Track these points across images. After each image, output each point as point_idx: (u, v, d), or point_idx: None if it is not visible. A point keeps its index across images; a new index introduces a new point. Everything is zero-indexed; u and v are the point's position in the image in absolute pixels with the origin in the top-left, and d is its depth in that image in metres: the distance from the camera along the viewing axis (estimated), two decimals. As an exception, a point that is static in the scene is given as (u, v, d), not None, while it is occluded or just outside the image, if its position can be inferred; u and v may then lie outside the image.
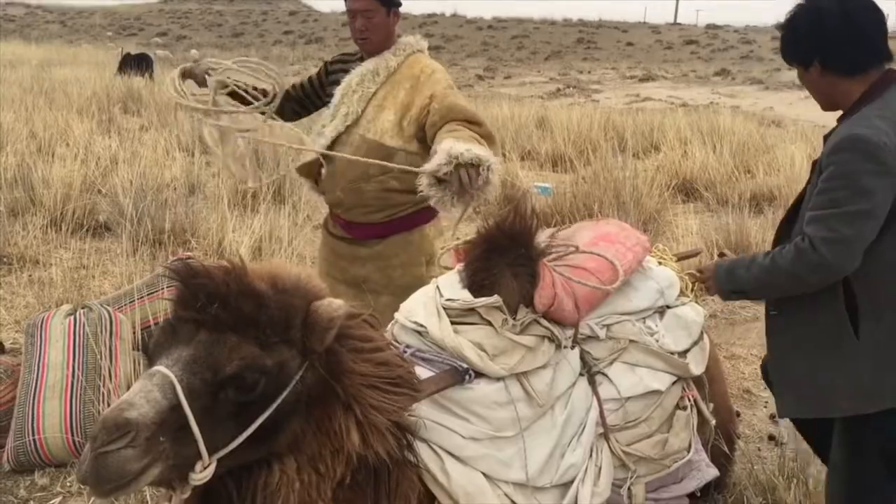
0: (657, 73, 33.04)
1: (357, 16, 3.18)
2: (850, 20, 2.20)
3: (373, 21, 3.18)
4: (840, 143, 2.15)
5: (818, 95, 2.37)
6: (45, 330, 3.56)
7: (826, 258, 2.13)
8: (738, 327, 5.26)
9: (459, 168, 2.52)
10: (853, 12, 2.21)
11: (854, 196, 2.11)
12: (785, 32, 2.34)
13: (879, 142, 2.10)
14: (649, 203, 7.44)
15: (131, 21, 60.76)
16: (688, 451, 2.45)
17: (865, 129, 2.12)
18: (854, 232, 2.11)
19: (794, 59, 2.33)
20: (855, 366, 2.22)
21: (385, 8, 3.19)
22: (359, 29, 3.20)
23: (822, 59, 2.25)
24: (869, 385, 2.21)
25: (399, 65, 3.23)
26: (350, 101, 3.22)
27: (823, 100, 2.37)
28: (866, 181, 2.09)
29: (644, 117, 14.02)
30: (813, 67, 2.28)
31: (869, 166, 2.09)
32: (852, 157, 2.11)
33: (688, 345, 2.60)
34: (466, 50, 45.16)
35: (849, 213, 2.11)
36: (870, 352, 2.21)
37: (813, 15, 2.26)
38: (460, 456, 2.04)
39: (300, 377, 1.76)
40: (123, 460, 1.54)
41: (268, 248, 5.71)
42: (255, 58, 3.31)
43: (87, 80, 15.85)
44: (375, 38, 3.22)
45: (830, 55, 2.24)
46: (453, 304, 2.20)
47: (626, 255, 2.58)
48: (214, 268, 1.77)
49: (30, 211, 6.54)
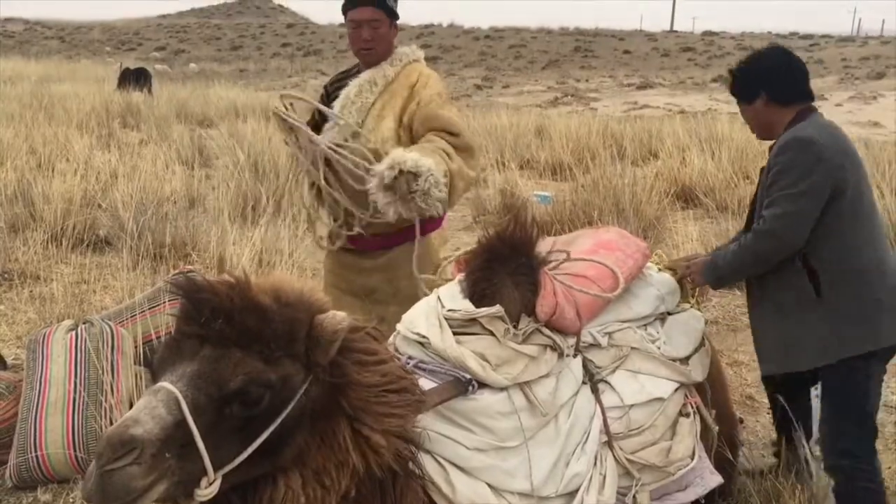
0: (654, 81, 33.13)
1: (363, 26, 3.19)
2: (789, 64, 2.89)
3: (379, 31, 3.20)
4: (782, 145, 2.73)
5: (759, 124, 2.95)
6: (46, 346, 3.56)
7: (777, 231, 2.66)
8: (741, 334, 5.25)
9: (402, 175, 2.63)
10: (790, 59, 2.91)
11: (796, 181, 2.63)
12: (739, 73, 2.95)
13: (812, 138, 2.68)
14: (649, 210, 7.44)
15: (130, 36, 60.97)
16: (692, 459, 2.44)
17: (800, 132, 2.72)
18: (797, 209, 2.63)
19: (745, 91, 2.92)
20: (818, 325, 2.70)
21: (389, 19, 3.21)
22: (364, 39, 3.21)
23: (768, 91, 2.85)
24: (829, 339, 2.68)
25: (396, 74, 3.25)
26: (350, 112, 3.23)
27: (762, 128, 2.96)
28: (805, 168, 2.63)
29: (642, 125, 14.05)
30: (759, 99, 2.87)
31: (806, 157, 2.65)
32: (793, 152, 2.68)
33: (689, 351, 2.60)
34: (464, 60, 45.30)
35: (792, 194, 2.63)
36: (828, 314, 2.68)
37: (763, 58, 2.94)
38: (465, 467, 2.04)
39: (304, 391, 1.76)
40: (129, 477, 1.54)
41: (268, 261, 5.70)
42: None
43: (86, 95, 15.91)
44: (380, 49, 3.24)
45: (774, 88, 2.85)
46: (455, 315, 2.20)
47: (627, 263, 2.59)
48: (218, 282, 1.77)
49: (30, 226, 6.54)
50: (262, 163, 8.49)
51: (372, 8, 3.17)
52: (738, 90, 2.95)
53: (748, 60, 2.97)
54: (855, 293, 2.67)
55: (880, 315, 2.68)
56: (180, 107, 16.99)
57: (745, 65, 2.95)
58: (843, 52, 42.61)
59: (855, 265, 2.68)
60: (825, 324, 2.68)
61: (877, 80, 30.81)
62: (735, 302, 5.86)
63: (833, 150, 2.67)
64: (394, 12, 3.22)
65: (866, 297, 2.67)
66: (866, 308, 2.67)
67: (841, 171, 2.65)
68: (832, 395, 2.76)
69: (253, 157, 8.61)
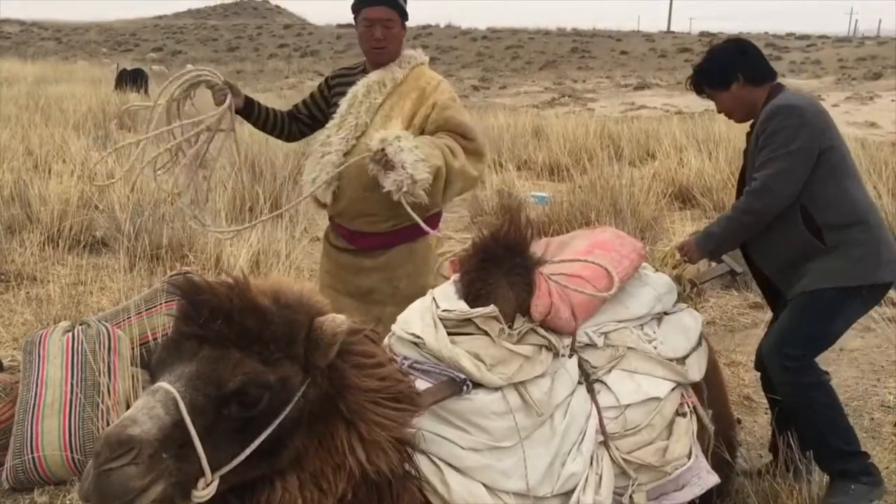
0: (651, 81, 33.16)
1: (376, 25, 3.20)
2: (752, 48, 3.17)
3: (392, 31, 3.22)
4: (769, 112, 2.96)
5: (740, 106, 3.14)
6: (43, 347, 3.55)
7: (771, 187, 2.90)
8: (738, 334, 5.26)
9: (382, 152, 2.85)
10: (750, 45, 3.19)
11: (786, 142, 2.89)
12: (707, 66, 3.15)
13: (795, 104, 2.96)
14: (646, 211, 7.45)
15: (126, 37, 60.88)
16: (688, 458, 2.44)
17: (782, 101, 2.98)
18: (788, 166, 2.89)
19: (719, 81, 3.11)
20: (828, 261, 2.93)
21: (401, 19, 3.23)
22: (377, 38, 3.22)
23: (744, 73, 3.06)
24: (833, 269, 2.92)
25: (405, 76, 3.28)
26: (358, 111, 3.24)
27: (742, 111, 3.16)
28: (792, 131, 2.89)
29: (639, 125, 14.06)
30: (736, 83, 3.08)
31: (792, 120, 2.90)
32: (779, 118, 2.92)
33: (686, 351, 2.60)
34: (461, 61, 45.32)
35: (782, 154, 2.89)
36: (836, 255, 2.92)
37: (726, 49, 3.17)
38: (460, 467, 2.04)
39: (303, 393, 1.76)
40: (126, 477, 1.54)
41: (265, 262, 5.70)
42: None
43: (82, 96, 15.87)
44: (391, 48, 3.26)
45: (748, 69, 3.08)
46: (450, 315, 2.19)
47: (622, 263, 2.59)
48: (217, 283, 1.77)
49: (27, 228, 6.53)
50: (259, 164, 8.49)
51: (386, 7, 3.19)
52: (713, 81, 3.14)
53: (712, 54, 3.18)
54: (855, 234, 2.93)
55: (880, 253, 2.95)
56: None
57: (712, 58, 3.16)
58: (839, 52, 42.68)
59: (852, 213, 2.95)
60: (829, 257, 2.93)
61: (873, 81, 30.88)
62: (732, 302, 5.87)
63: (813, 113, 2.96)
64: (405, 12, 3.24)
65: (866, 237, 2.94)
66: (866, 246, 2.93)
67: (825, 132, 2.95)
68: (794, 308, 3.01)
69: (250, 159, 8.60)
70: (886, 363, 4.73)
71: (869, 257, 2.94)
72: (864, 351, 4.90)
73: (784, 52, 43.97)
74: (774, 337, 3.05)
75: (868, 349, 4.90)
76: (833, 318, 2.99)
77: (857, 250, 2.93)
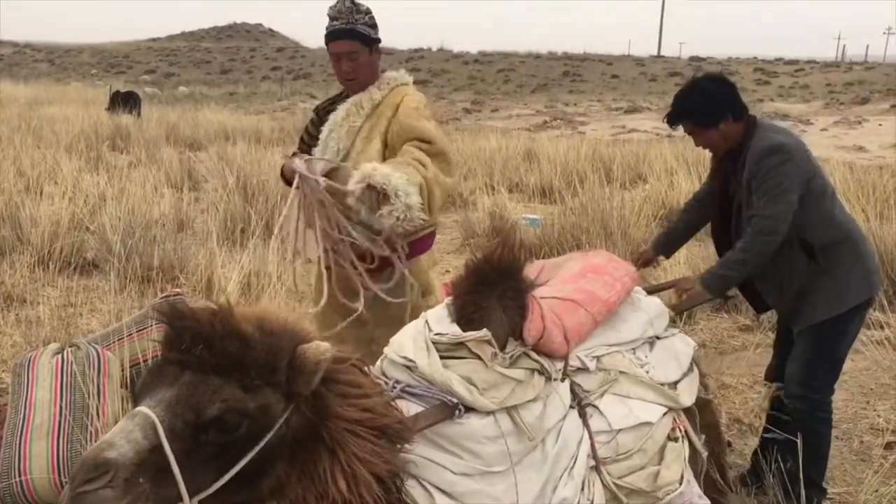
0: (642, 105, 33.37)
1: (342, 59, 3.24)
2: (733, 85, 3.32)
3: (358, 62, 3.25)
4: (761, 153, 3.13)
5: (725, 143, 3.27)
6: (32, 369, 3.52)
7: (777, 228, 3.09)
8: (728, 357, 5.26)
9: (369, 189, 2.70)
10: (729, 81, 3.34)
11: (780, 182, 3.08)
12: (694, 104, 3.23)
13: (781, 143, 3.14)
14: (637, 233, 7.48)
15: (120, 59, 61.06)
16: (680, 484, 2.43)
17: (769, 141, 3.14)
18: (786, 204, 3.09)
19: (711, 119, 3.21)
20: (823, 284, 3.19)
21: (367, 47, 3.25)
22: (345, 71, 3.26)
23: (733, 112, 3.21)
24: (834, 293, 3.18)
25: (383, 97, 3.29)
26: (339, 135, 3.27)
27: (726, 145, 3.29)
28: (783, 170, 3.08)
29: (630, 148, 14.16)
30: (725, 121, 3.20)
31: (781, 159, 3.10)
32: (770, 159, 3.10)
33: (678, 376, 2.60)
34: (453, 84, 45.57)
35: (779, 194, 3.08)
36: (828, 274, 3.18)
37: (716, 85, 3.27)
38: (451, 492, 2.02)
39: (285, 420, 1.75)
40: (101, 500, 1.53)
41: (257, 284, 5.69)
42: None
43: (75, 117, 15.91)
44: (362, 77, 3.28)
45: (736, 107, 3.23)
46: (442, 339, 2.19)
47: (615, 286, 2.59)
48: (201, 310, 1.76)
49: (17, 249, 6.51)
50: (252, 186, 8.50)
51: (348, 41, 3.21)
52: (702, 118, 3.24)
53: (698, 91, 3.27)
54: (845, 252, 3.19)
55: (868, 266, 3.24)
56: (170, 130, 17.01)
57: (699, 95, 3.25)
58: (828, 77, 43.09)
59: (838, 230, 3.21)
60: (828, 281, 3.18)
61: (861, 105, 31.19)
62: (723, 325, 5.88)
63: (795, 145, 3.18)
64: (370, 39, 3.25)
65: (854, 253, 3.21)
66: (857, 262, 3.20)
67: (807, 161, 3.17)
68: (811, 340, 3.25)
69: (242, 181, 8.61)
70: (876, 386, 4.75)
71: (861, 274, 3.21)
72: (853, 374, 4.91)
73: (773, 76, 44.43)
74: (800, 370, 3.28)
75: (857, 372, 4.92)
76: (842, 341, 3.28)
77: (850, 271, 3.20)
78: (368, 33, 3.25)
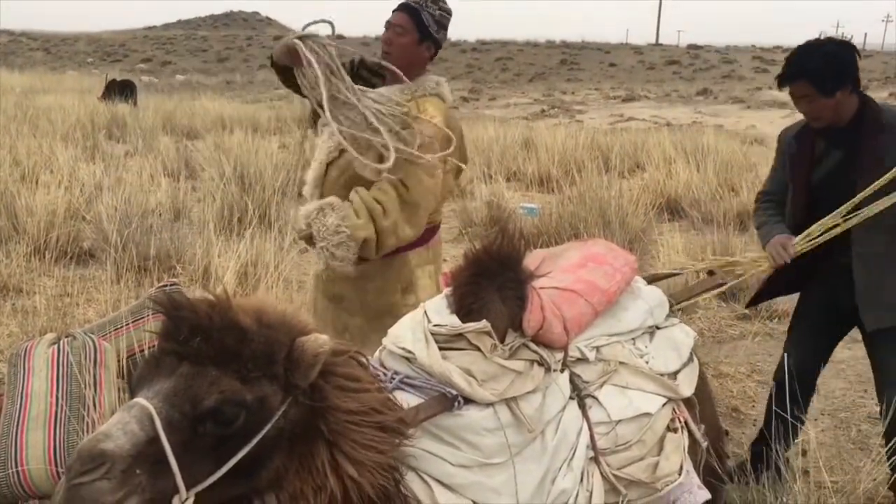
0: (640, 94, 33.37)
1: (390, 28, 3.21)
2: (855, 54, 3.03)
3: (399, 40, 3.19)
4: (890, 127, 2.96)
5: (833, 115, 3.01)
6: (28, 359, 3.52)
7: None
8: (726, 345, 5.27)
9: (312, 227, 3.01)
10: (853, 48, 3.06)
11: None
12: (821, 66, 2.94)
13: None
14: (635, 222, 7.48)
15: (116, 48, 60.84)
16: (679, 474, 2.43)
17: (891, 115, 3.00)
18: None
19: (830, 85, 2.94)
20: None
21: (418, 34, 3.18)
22: (384, 39, 3.22)
23: (853, 83, 2.97)
24: None
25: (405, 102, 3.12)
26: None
27: (836, 117, 3.02)
28: None
29: (628, 137, 14.15)
30: (844, 91, 2.95)
31: None
32: None
33: (678, 366, 2.59)
34: (451, 72, 45.48)
35: None
36: None
37: (843, 49, 3.00)
38: (450, 484, 2.01)
39: (283, 412, 1.74)
40: (97, 492, 1.52)
41: (254, 274, 5.68)
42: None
43: (71, 106, 15.84)
44: (396, 55, 3.19)
45: (855, 78, 2.98)
46: (441, 330, 2.18)
47: (615, 276, 2.58)
48: (199, 301, 1.76)
49: (13, 239, 6.49)
50: (249, 175, 8.47)
51: (405, 15, 3.18)
52: (824, 83, 2.95)
53: (827, 54, 2.98)
54: None
55: None
56: (166, 118, 16.96)
57: (829, 58, 2.96)
58: (826, 65, 43.01)
59: None
60: None
61: (860, 94, 31.14)
62: (721, 314, 5.89)
63: None
64: (426, 30, 3.19)
65: None
66: None
67: None
68: None
69: (239, 170, 8.59)
70: (874, 375, 4.75)
71: None
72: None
73: (771, 64, 44.42)
74: None
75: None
76: None
77: None
78: (427, 22, 3.18)
